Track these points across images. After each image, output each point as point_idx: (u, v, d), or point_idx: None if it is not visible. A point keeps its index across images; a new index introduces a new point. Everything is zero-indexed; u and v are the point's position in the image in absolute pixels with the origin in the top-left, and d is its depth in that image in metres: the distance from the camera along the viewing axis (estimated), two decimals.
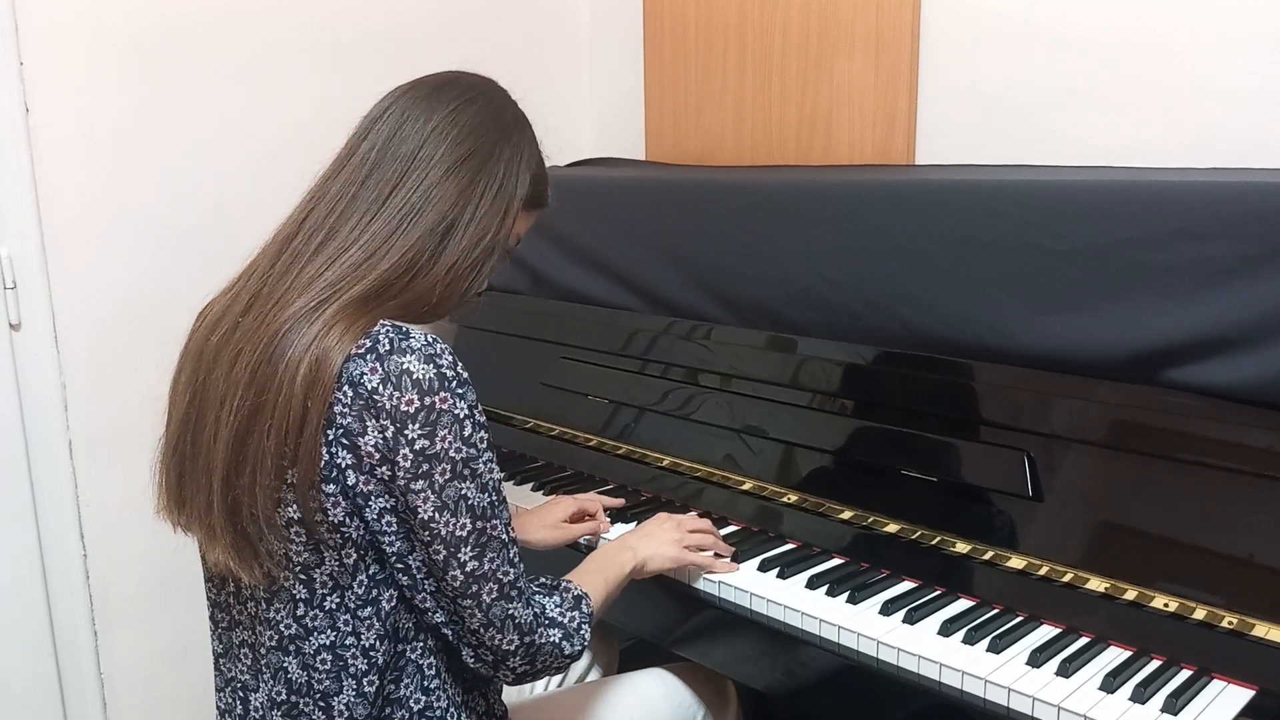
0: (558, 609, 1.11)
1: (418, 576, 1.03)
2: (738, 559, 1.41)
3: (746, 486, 1.56)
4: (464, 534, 1.00)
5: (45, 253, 1.70)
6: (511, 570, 1.05)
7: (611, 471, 1.72)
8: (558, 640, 1.09)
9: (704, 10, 2.09)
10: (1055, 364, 1.33)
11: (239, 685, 1.13)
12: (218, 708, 1.18)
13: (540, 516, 1.49)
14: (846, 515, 1.45)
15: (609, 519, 1.55)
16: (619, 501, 1.59)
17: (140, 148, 1.78)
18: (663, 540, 1.33)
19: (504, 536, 1.05)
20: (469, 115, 1.08)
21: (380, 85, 1.12)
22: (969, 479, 1.35)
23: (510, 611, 1.05)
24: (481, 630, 1.04)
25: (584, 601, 1.14)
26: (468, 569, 1.01)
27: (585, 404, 1.81)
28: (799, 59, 1.95)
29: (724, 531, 1.51)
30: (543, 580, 1.14)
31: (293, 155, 1.93)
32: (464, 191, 1.05)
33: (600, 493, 1.62)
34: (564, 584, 1.15)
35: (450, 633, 1.06)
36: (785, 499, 1.52)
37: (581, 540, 1.51)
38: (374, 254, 1.02)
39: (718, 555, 1.40)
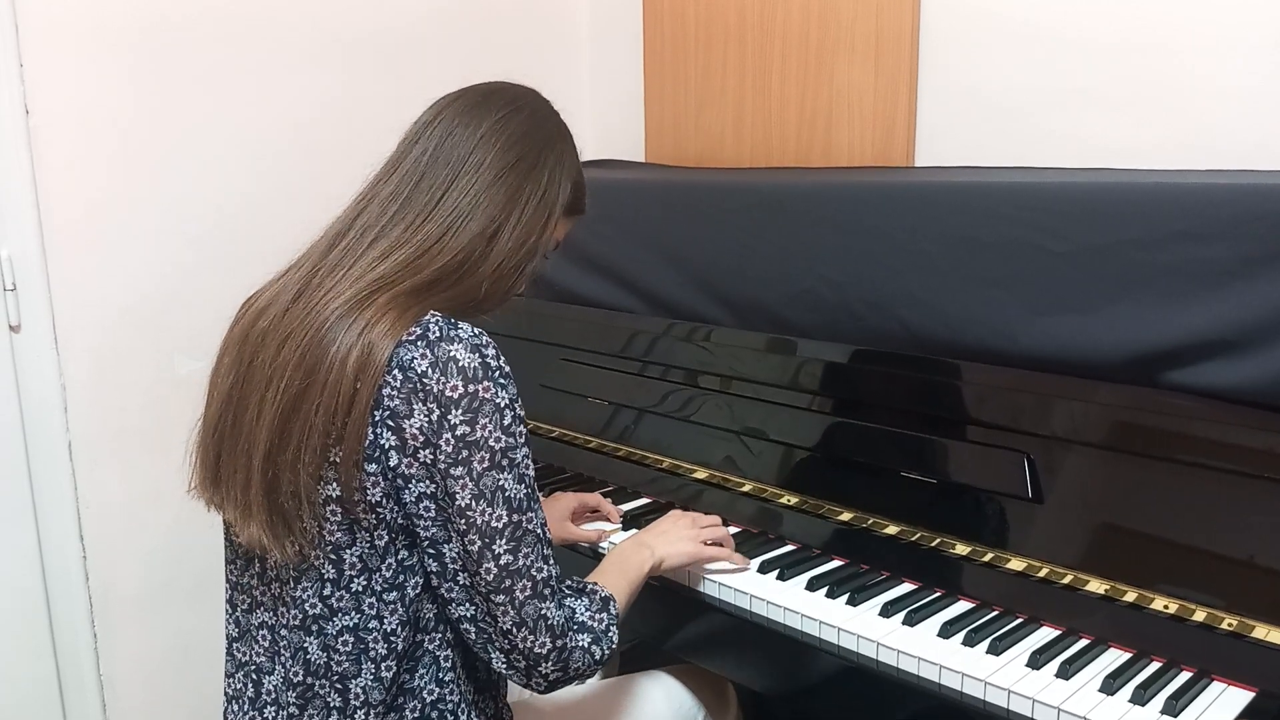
0: (587, 611, 1.11)
1: (450, 567, 1.03)
2: None
3: (746, 488, 1.56)
4: (499, 525, 1.02)
5: (45, 254, 1.70)
6: (546, 568, 1.06)
7: (611, 473, 1.72)
8: (587, 645, 1.09)
9: (704, 11, 2.09)
10: (1056, 365, 1.32)
11: (253, 669, 1.14)
12: (226, 694, 1.19)
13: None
14: (846, 517, 1.45)
15: (616, 511, 1.57)
16: (617, 524, 1.57)
17: (141, 149, 1.78)
18: (678, 536, 1.34)
19: (540, 533, 1.06)
20: (516, 124, 1.12)
21: (381, 86, 1.13)
22: (969, 481, 1.35)
23: (543, 611, 1.05)
24: (514, 630, 1.04)
25: (611, 603, 1.14)
26: (502, 562, 1.02)
27: (585, 405, 1.81)
28: (799, 60, 1.95)
29: None
30: (569, 582, 1.14)
31: (294, 156, 1.94)
32: (511, 197, 1.10)
33: (601, 494, 1.62)
34: (590, 586, 1.15)
35: (475, 630, 1.06)
36: (785, 500, 1.52)
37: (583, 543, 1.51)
38: (426, 252, 1.06)
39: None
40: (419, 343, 1.01)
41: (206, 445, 1.12)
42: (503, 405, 1.02)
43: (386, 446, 1.00)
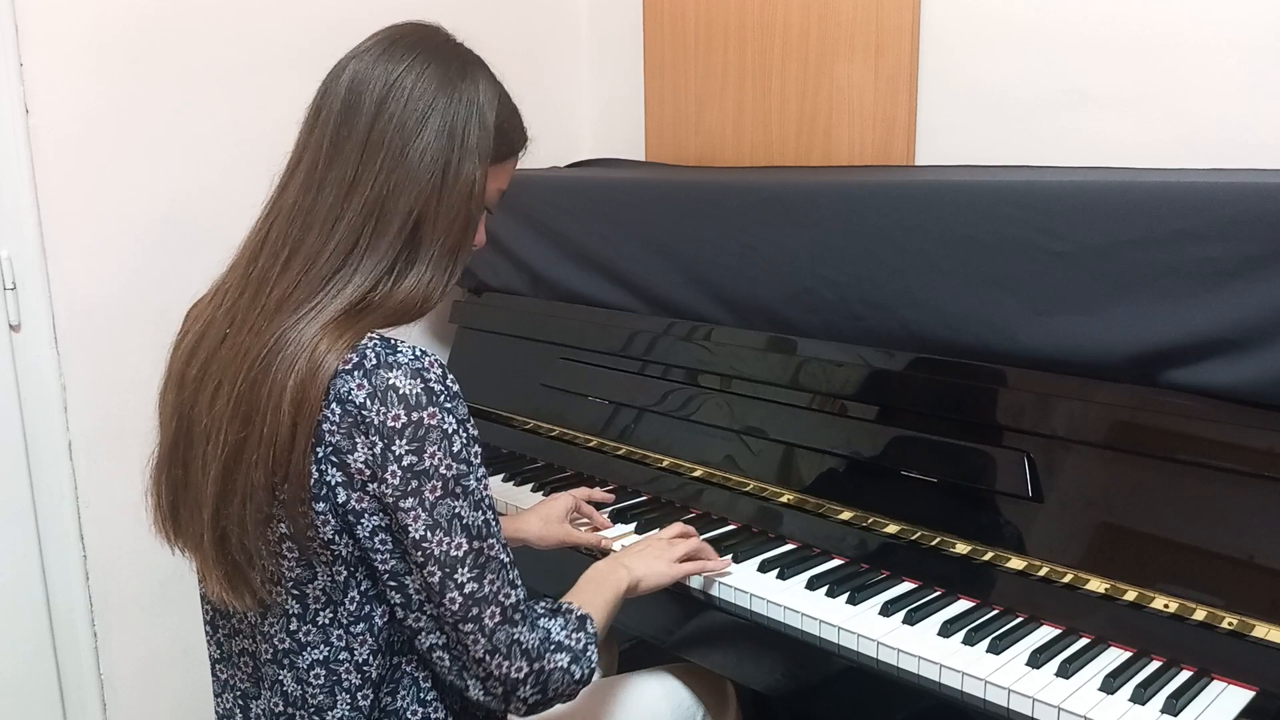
0: (563, 631, 1.08)
1: (415, 598, 1.00)
2: (738, 560, 1.42)
3: (746, 487, 1.56)
4: (460, 554, 0.98)
5: (45, 254, 1.70)
6: (514, 592, 1.03)
7: (611, 472, 1.72)
8: (566, 664, 1.06)
9: (704, 11, 2.09)
10: (1056, 365, 1.32)
11: (239, 693, 1.13)
12: (217, 712, 1.18)
13: (538, 513, 1.49)
14: (846, 516, 1.45)
15: (606, 518, 1.56)
16: (609, 496, 1.59)
17: (140, 148, 1.78)
18: (654, 557, 1.32)
19: (503, 557, 1.02)
20: (411, 82, 1.00)
21: None
22: (969, 480, 1.35)
23: (515, 636, 1.02)
24: (487, 658, 1.01)
25: (588, 622, 1.11)
26: (466, 590, 0.98)
27: (585, 405, 1.81)
28: (799, 60, 1.95)
29: (723, 531, 1.51)
30: (543, 604, 1.11)
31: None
32: (421, 177, 0.99)
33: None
34: (566, 606, 1.13)
35: (448, 658, 1.02)
36: (785, 500, 1.52)
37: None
38: (344, 264, 0.98)
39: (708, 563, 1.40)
40: (355, 372, 0.95)
41: (161, 491, 1.08)
42: (450, 431, 0.96)
43: (333, 483, 0.96)
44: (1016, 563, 1.29)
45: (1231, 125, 1.50)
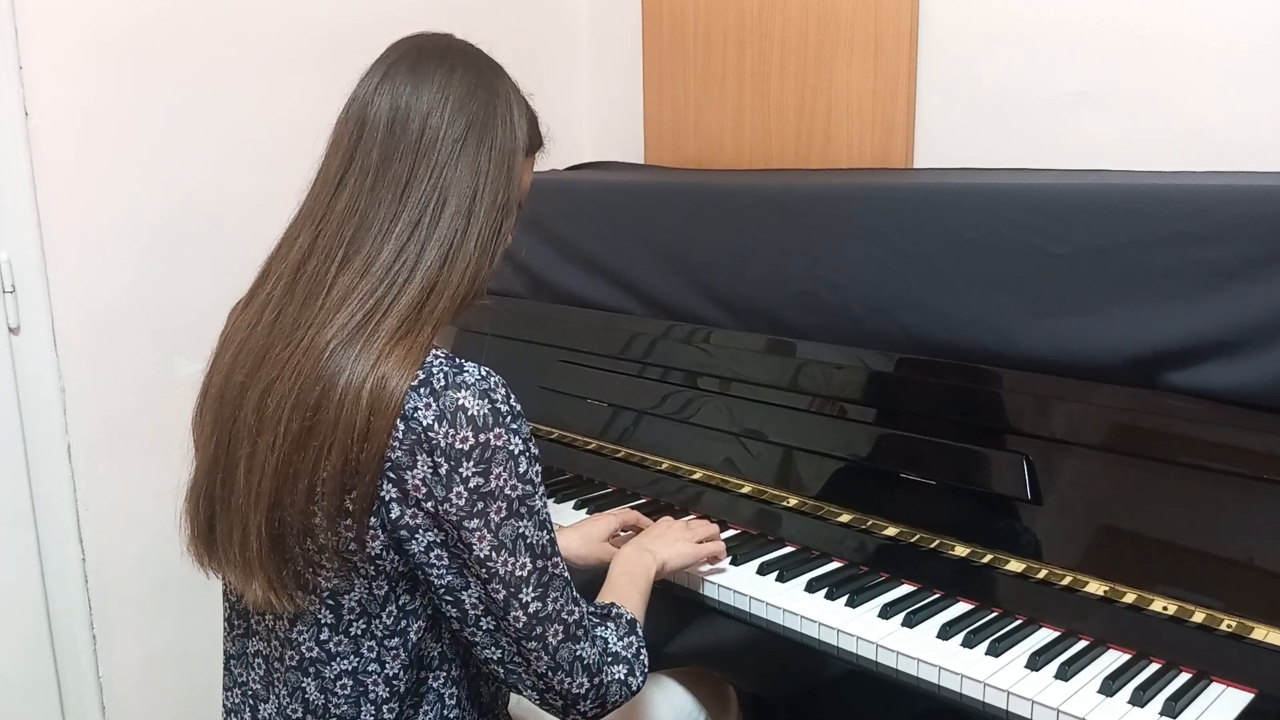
0: (617, 638, 1.09)
1: (472, 613, 1.00)
2: (737, 562, 1.42)
3: (746, 490, 1.56)
4: (524, 574, 0.99)
5: (45, 256, 1.70)
6: (576, 609, 1.03)
7: (610, 475, 1.72)
8: (623, 677, 1.07)
9: (703, 13, 2.09)
10: (1055, 367, 1.32)
11: (249, 692, 1.13)
12: (224, 706, 1.18)
13: (581, 531, 1.44)
14: (846, 518, 1.45)
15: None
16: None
17: (139, 151, 1.78)
18: (675, 538, 1.34)
19: (565, 574, 1.03)
20: (455, 85, 1.06)
21: None
22: (968, 482, 1.35)
23: (578, 653, 1.03)
24: (550, 674, 1.02)
25: (636, 625, 1.12)
26: (530, 610, 0.99)
27: (584, 407, 1.81)
28: (798, 62, 1.95)
29: (723, 535, 1.51)
30: (593, 608, 1.11)
31: (293, 158, 1.90)
32: (472, 166, 1.04)
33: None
34: (614, 609, 1.13)
35: (503, 671, 1.03)
36: (784, 502, 1.51)
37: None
38: (403, 252, 1.00)
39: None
40: (423, 390, 0.95)
41: (197, 509, 1.07)
42: (517, 452, 0.98)
43: (387, 499, 0.96)
44: (1016, 565, 1.29)
45: (1232, 126, 1.50)
